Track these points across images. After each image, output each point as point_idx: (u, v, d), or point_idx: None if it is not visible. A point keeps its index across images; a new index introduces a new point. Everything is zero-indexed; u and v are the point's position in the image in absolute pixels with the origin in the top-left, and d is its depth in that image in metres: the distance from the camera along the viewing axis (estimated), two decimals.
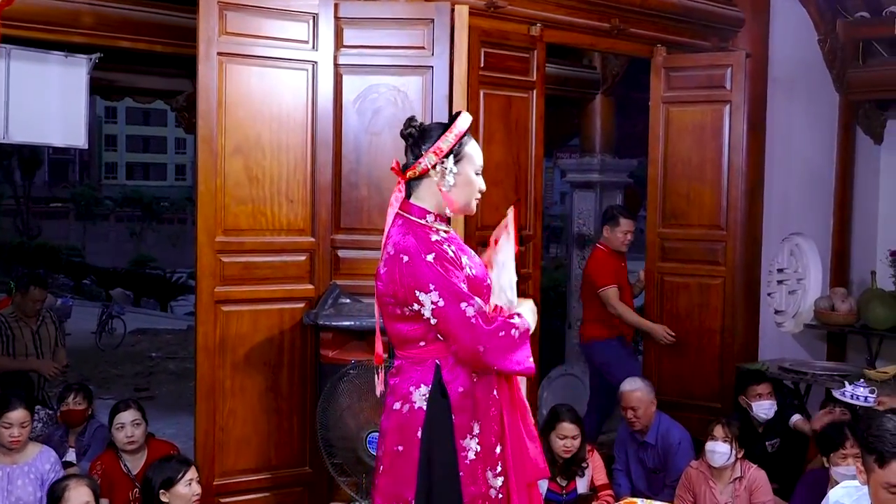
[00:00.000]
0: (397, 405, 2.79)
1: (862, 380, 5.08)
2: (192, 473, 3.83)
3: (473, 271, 2.82)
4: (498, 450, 2.80)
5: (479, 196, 2.90)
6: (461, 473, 2.72)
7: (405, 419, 2.75)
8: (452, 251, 2.77)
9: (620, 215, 5.84)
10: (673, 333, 5.71)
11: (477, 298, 2.72)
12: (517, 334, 2.74)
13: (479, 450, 2.75)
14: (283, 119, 4.52)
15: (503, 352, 2.71)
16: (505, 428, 2.82)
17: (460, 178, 2.82)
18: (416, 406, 2.74)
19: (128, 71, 6.82)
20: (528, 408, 2.97)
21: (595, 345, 5.82)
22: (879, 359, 6.33)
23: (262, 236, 4.51)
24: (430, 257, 2.69)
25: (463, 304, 2.67)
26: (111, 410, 4.43)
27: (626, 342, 5.94)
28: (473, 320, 2.66)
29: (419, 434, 2.73)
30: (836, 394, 5.00)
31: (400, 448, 2.76)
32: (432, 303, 2.67)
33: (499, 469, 2.79)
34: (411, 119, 2.88)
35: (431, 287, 2.67)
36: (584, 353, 6.23)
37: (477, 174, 2.87)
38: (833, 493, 3.06)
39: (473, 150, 2.86)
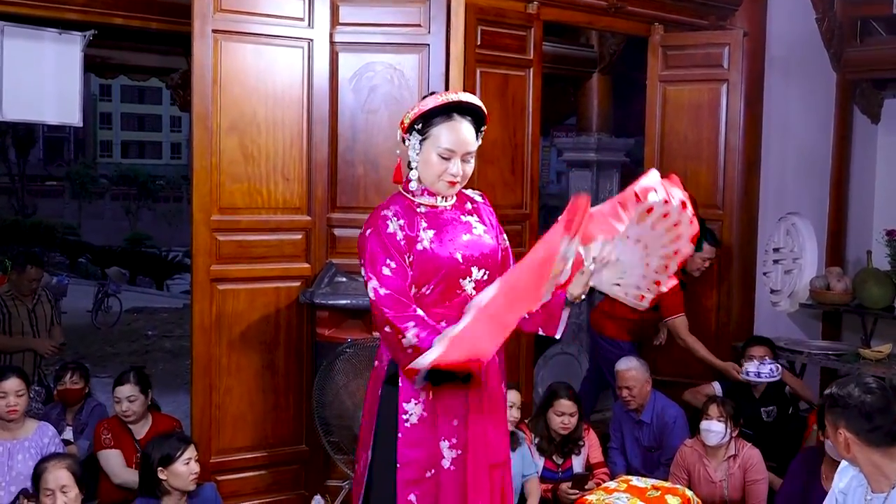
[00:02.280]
0: (375, 363, 2.89)
1: (766, 357, 5.05)
2: (190, 452, 3.77)
3: (432, 246, 2.74)
4: (455, 423, 2.76)
5: (449, 179, 2.75)
6: (399, 435, 2.74)
7: (375, 377, 2.86)
8: (400, 226, 2.72)
9: (705, 240, 5.28)
10: (740, 369, 5.13)
11: (379, 285, 2.65)
12: (406, 342, 2.61)
13: (425, 416, 2.74)
14: (278, 97, 4.50)
15: (390, 345, 2.70)
16: (469, 405, 2.77)
17: (420, 157, 2.77)
18: (382, 366, 2.82)
19: (122, 48, 6.78)
20: (505, 400, 2.95)
21: (605, 342, 5.48)
22: (874, 338, 6.35)
23: (258, 214, 4.51)
24: (368, 232, 2.74)
25: (373, 283, 2.68)
26: (115, 381, 4.46)
27: (636, 349, 5.51)
28: (375, 297, 2.66)
29: (379, 392, 2.81)
30: (743, 375, 5.05)
31: (369, 406, 2.86)
32: (364, 275, 2.74)
33: (454, 441, 2.76)
34: (432, 93, 2.87)
35: (363, 261, 2.75)
36: (591, 338, 5.98)
37: (444, 157, 2.72)
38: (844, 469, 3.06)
39: (443, 131, 2.72)
